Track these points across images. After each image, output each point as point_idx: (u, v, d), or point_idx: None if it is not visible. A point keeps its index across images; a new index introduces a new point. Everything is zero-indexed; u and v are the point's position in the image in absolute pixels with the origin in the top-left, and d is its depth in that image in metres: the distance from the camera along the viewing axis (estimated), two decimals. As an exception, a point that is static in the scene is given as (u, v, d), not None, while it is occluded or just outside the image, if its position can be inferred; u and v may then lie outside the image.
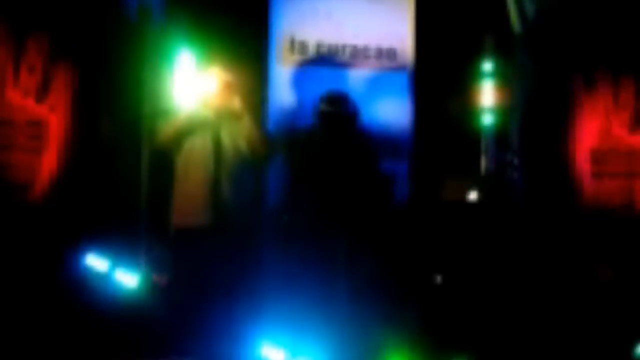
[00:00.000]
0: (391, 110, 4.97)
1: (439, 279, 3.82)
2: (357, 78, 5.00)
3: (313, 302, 3.55)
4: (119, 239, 4.10)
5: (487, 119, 5.15)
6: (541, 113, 5.00)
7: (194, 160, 4.07)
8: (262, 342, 3.14)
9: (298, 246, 3.91)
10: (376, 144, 4.45)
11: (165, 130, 4.15)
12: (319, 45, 5.01)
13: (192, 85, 4.50)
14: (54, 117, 4.55)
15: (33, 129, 4.53)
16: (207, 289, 3.49)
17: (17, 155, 4.49)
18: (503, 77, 5.14)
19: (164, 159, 4.18)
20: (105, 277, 3.65)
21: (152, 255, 4.17)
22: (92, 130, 4.61)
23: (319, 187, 4.06)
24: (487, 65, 5.18)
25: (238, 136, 4.17)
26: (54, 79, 4.56)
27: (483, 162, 5.05)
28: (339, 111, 4.32)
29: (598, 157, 5.07)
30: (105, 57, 4.65)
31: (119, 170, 4.56)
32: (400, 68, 5.06)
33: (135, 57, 4.70)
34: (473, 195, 4.49)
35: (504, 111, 5.12)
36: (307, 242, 3.82)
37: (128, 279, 3.62)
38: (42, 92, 4.55)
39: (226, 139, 4.14)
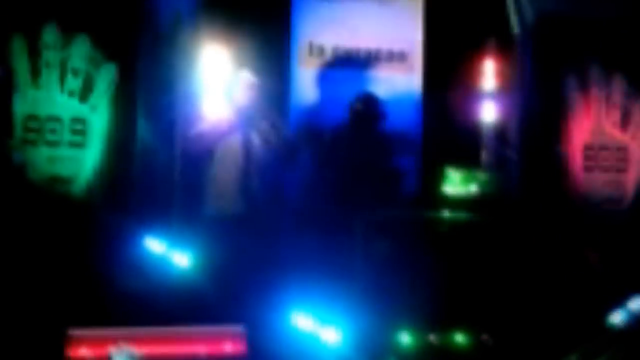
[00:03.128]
0: (402, 110, 5.44)
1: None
2: (370, 80, 5.49)
3: (333, 278, 4.06)
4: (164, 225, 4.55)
5: (488, 117, 5.60)
6: (538, 111, 5.45)
7: (226, 158, 4.56)
8: (293, 311, 3.64)
9: (318, 230, 4.42)
10: (391, 141, 4.96)
11: (198, 133, 4.63)
12: (335, 49, 5.49)
13: (221, 86, 4.97)
14: (95, 116, 4.96)
15: (78, 126, 5.00)
16: (243, 267, 4.01)
17: (62, 150, 4.95)
18: (503, 78, 5.59)
19: (198, 157, 4.65)
20: (160, 259, 4.12)
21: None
22: (130, 129, 5.04)
23: (343, 176, 4.57)
24: (489, 66, 5.63)
25: (265, 134, 4.65)
26: (96, 80, 5.00)
27: (483, 157, 5.51)
28: (371, 111, 4.86)
29: (590, 152, 5.55)
30: (142, 60, 5.08)
31: (155, 166, 4.98)
32: (410, 70, 5.54)
33: (169, 60, 5.13)
34: (472, 188, 4.96)
35: (504, 110, 5.57)
36: (327, 226, 4.34)
37: (180, 259, 4.10)
38: (85, 93, 4.96)
39: (254, 138, 4.63)
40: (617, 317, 3.77)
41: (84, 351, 3.38)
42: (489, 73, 5.61)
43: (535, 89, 5.45)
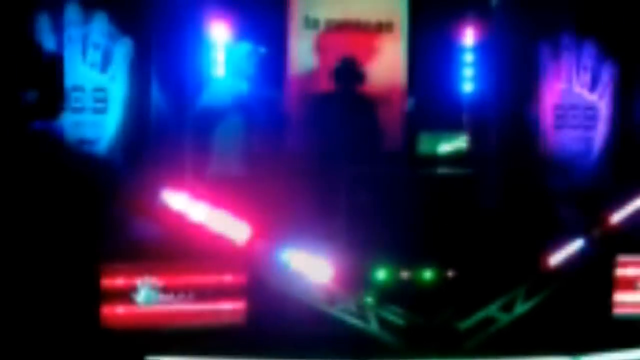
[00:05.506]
0: (388, 76, 5.97)
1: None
2: (360, 47, 6.01)
3: (320, 219, 4.70)
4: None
5: (468, 83, 6.10)
6: (513, 77, 5.94)
7: (229, 124, 5.14)
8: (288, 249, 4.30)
9: (311, 185, 5.05)
10: (375, 102, 5.46)
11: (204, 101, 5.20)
12: (328, 21, 6.01)
13: (225, 56, 5.49)
14: (114, 85, 5.43)
15: (99, 95, 5.46)
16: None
17: (86, 115, 5.49)
18: (482, 47, 6.08)
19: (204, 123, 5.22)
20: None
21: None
22: (146, 96, 5.47)
23: (328, 135, 5.13)
24: (469, 35, 6.12)
25: (264, 101, 5.23)
26: (114, 53, 5.46)
27: (464, 119, 6.05)
28: (350, 70, 5.36)
29: (560, 112, 6.06)
30: (154, 34, 5.58)
31: (167, 129, 5.52)
32: (397, 39, 6.05)
33: (177, 32, 5.66)
34: (444, 148, 5.52)
35: (482, 76, 6.06)
36: (318, 181, 4.96)
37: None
38: (105, 65, 5.42)
39: (255, 105, 5.20)
40: (557, 258, 4.39)
41: (113, 281, 4.08)
42: (468, 41, 6.10)
43: (510, 56, 5.93)
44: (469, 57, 6.09)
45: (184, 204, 4.60)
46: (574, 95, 6.04)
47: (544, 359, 4.13)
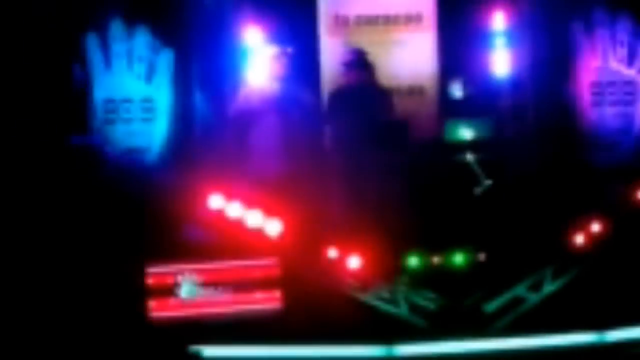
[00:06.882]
0: (419, 67, 6.06)
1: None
2: (390, 42, 6.13)
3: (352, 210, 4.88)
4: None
5: (501, 67, 6.10)
6: (547, 56, 5.92)
7: (267, 125, 5.33)
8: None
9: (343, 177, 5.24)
10: (391, 93, 5.55)
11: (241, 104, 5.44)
12: (357, 18, 6.15)
13: (259, 60, 5.68)
14: (160, 95, 5.70)
15: (146, 105, 5.70)
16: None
17: (135, 125, 5.74)
18: (514, 30, 6.07)
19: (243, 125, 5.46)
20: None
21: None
22: (189, 103, 5.73)
23: (345, 129, 5.27)
24: (500, 20, 6.12)
25: (299, 101, 5.41)
26: (157, 64, 5.70)
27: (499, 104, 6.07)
28: (356, 59, 5.45)
29: (597, 89, 5.99)
30: (193, 44, 5.86)
31: (210, 134, 5.78)
32: (426, 30, 6.14)
33: (214, 39, 5.91)
34: (469, 134, 5.57)
35: (515, 58, 6.05)
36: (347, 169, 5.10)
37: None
38: (150, 76, 5.70)
39: (290, 105, 5.38)
40: (588, 235, 4.38)
41: (157, 278, 4.40)
42: (499, 25, 6.10)
43: (544, 36, 5.91)
44: (500, 41, 6.11)
45: (223, 203, 4.87)
46: (610, 72, 5.97)
47: (571, 335, 4.17)
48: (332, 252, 4.63)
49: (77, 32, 5.55)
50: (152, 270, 4.46)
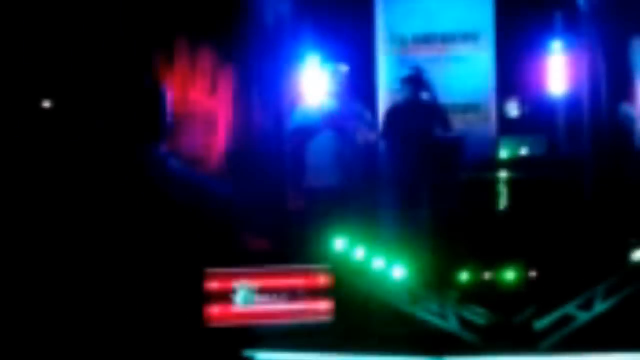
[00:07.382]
0: (476, 85, 6.13)
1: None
2: (447, 60, 6.23)
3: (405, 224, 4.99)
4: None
5: (558, 88, 6.12)
6: (605, 77, 5.90)
7: (324, 141, 5.48)
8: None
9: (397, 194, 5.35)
10: (446, 111, 5.64)
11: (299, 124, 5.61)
12: (414, 36, 6.28)
13: (318, 81, 5.87)
14: (221, 108, 6.11)
15: (207, 118, 6.18)
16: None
17: (197, 137, 6.18)
18: (571, 51, 6.08)
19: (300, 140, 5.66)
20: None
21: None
22: (248, 117, 6.07)
23: (400, 146, 5.38)
24: (557, 42, 6.14)
25: (356, 118, 5.55)
26: (219, 79, 6.19)
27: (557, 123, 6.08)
28: (415, 76, 5.56)
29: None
30: (253, 60, 6.14)
31: (268, 146, 6.01)
32: (483, 48, 6.20)
33: (275, 60, 6.16)
34: (522, 151, 5.59)
35: (573, 78, 6.05)
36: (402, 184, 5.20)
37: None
38: (212, 91, 6.16)
39: (347, 122, 5.53)
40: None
41: (215, 284, 4.60)
42: (557, 43, 6.12)
43: (601, 53, 5.90)
44: (557, 59, 6.12)
45: (280, 215, 5.06)
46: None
47: (620, 355, 4.16)
48: (380, 263, 4.73)
49: (150, 50, 5.83)
50: (209, 273, 4.66)
